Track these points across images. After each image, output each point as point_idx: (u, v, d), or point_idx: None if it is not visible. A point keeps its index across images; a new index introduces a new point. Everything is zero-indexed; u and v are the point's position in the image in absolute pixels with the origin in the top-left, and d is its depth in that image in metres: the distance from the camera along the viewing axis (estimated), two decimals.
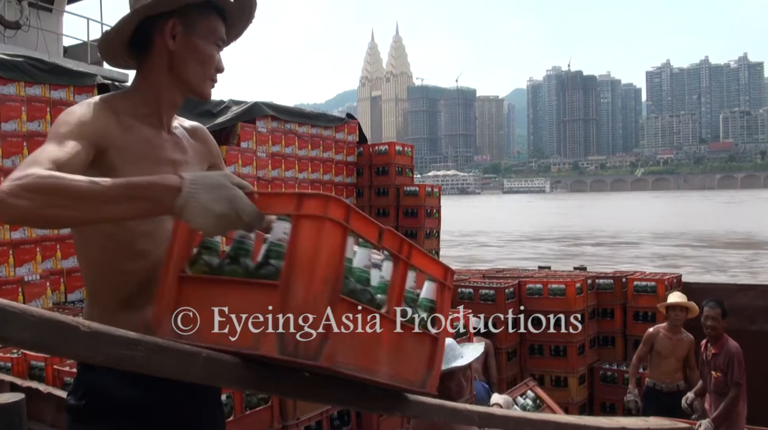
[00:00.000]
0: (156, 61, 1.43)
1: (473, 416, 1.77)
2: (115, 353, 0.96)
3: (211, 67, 1.47)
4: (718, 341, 4.40)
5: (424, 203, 7.87)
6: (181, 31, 1.41)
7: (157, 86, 1.45)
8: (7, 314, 0.85)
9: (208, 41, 1.45)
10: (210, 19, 1.45)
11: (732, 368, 4.27)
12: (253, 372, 1.13)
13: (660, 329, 5.13)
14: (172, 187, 1.08)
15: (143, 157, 1.39)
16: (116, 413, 1.36)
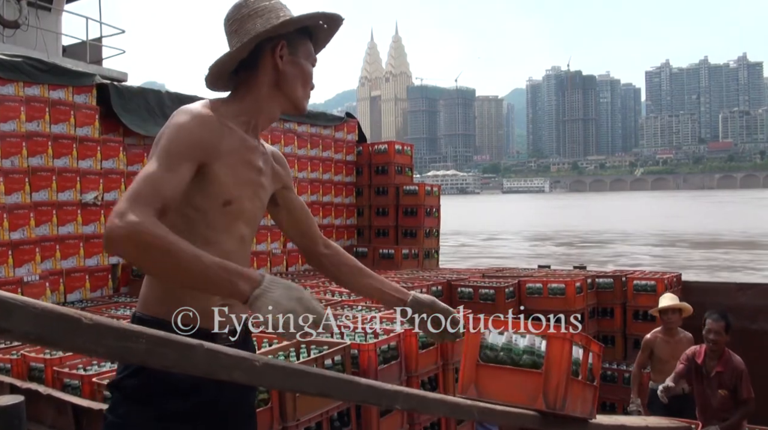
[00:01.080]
0: (263, 78, 1.58)
1: (473, 410, 1.77)
2: (118, 346, 0.97)
3: (308, 84, 1.64)
4: (722, 357, 4.23)
5: (423, 202, 7.86)
6: (287, 53, 1.58)
7: (261, 100, 1.59)
8: (10, 307, 0.86)
9: (308, 61, 1.63)
10: (307, 42, 1.64)
11: (741, 385, 4.12)
12: (249, 366, 1.14)
13: (657, 334, 5.07)
14: (253, 279, 1.27)
15: (240, 161, 1.54)
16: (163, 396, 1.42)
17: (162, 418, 1.42)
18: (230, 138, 1.52)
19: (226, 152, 1.50)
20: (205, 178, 1.47)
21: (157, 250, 1.21)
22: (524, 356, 2.17)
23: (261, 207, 1.66)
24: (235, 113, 1.56)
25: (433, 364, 3.64)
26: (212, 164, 1.47)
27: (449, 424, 3.62)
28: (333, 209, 7.71)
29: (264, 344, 3.04)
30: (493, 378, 2.17)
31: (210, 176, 1.47)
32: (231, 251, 1.53)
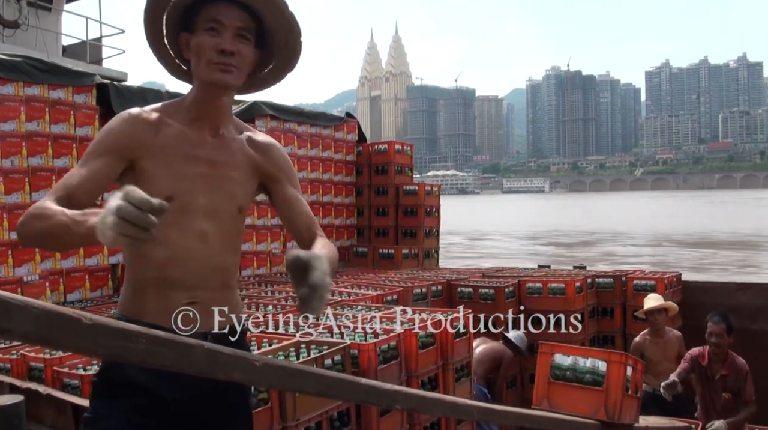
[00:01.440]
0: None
1: (472, 410, 1.77)
2: (117, 346, 0.97)
3: (206, 53, 1.50)
4: (726, 360, 4.22)
5: (423, 202, 7.86)
6: (189, 40, 1.54)
7: (194, 91, 1.58)
8: (10, 307, 0.86)
9: (200, 32, 1.51)
10: (207, 9, 1.51)
11: (745, 387, 4.13)
12: (249, 365, 1.14)
13: (645, 336, 5.07)
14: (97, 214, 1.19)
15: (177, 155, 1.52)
16: (129, 391, 1.45)
17: (130, 411, 1.45)
18: (164, 134, 1.52)
19: (158, 148, 1.49)
20: (140, 176, 1.49)
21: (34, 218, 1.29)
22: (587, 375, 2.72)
23: (228, 200, 1.58)
24: (184, 109, 1.57)
25: (433, 364, 3.63)
26: (142, 160, 1.49)
27: (449, 424, 3.62)
28: (333, 209, 7.71)
29: (264, 344, 3.04)
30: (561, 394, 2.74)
31: (143, 173, 1.49)
32: (187, 248, 1.51)
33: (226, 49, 1.49)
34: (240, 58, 1.52)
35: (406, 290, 5.14)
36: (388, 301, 4.82)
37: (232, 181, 1.58)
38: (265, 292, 5.03)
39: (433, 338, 3.63)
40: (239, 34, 1.51)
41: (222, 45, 1.49)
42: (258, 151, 1.67)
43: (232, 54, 1.50)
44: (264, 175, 1.67)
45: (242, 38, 1.52)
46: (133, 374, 1.43)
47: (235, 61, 1.51)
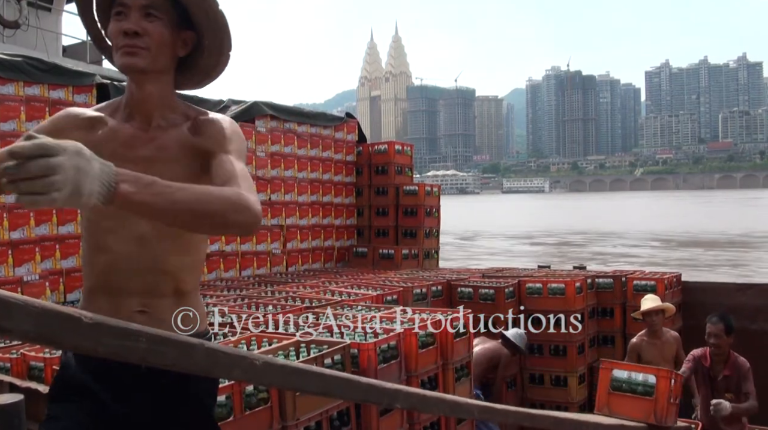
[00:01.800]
0: None
1: (473, 409, 1.77)
2: (118, 345, 0.97)
3: (114, 39, 1.41)
4: (728, 361, 4.24)
5: (423, 203, 7.86)
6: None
7: (127, 86, 1.49)
8: (10, 306, 0.86)
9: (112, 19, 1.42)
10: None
11: (747, 384, 4.16)
12: (249, 365, 1.15)
13: (642, 337, 5.05)
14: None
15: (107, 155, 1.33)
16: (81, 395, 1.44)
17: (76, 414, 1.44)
18: (96, 134, 1.45)
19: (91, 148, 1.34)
20: None
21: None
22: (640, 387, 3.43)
23: None
24: (122, 105, 1.50)
25: (433, 364, 3.64)
26: None
27: (449, 424, 3.62)
28: (333, 209, 7.71)
29: (264, 344, 3.04)
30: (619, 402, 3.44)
31: None
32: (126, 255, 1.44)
33: (128, 29, 1.38)
34: (148, 38, 1.40)
35: (406, 290, 5.14)
36: (388, 301, 4.82)
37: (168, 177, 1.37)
38: (265, 292, 5.03)
39: (433, 338, 3.63)
40: (146, 12, 1.40)
41: (124, 26, 1.39)
42: (197, 133, 1.53)
43: (137, 34, 1.39)
44: (202, 155, 1.51)
45: (149, 16, 1.40)
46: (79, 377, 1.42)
47: (142, 41, 1.40)
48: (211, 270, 5.98)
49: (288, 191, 7.01)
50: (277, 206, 6.83)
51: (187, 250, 1.51)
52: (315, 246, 7.38)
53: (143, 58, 1.40)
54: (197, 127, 1.52)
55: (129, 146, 1.47)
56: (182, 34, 1.48)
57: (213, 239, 5.94)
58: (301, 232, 7.16)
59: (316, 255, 7.39)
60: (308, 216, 7.30)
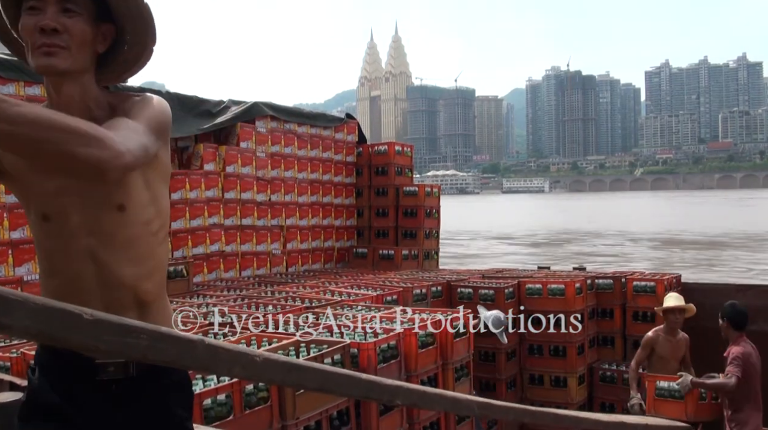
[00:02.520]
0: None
1: (473, 405, 1.78)
2: (119, 341, 0.97)
3: (28, 36, 1.26)
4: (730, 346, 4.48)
5: (423, 203, 7.86)
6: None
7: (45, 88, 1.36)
8: (11, 302, 0.85)
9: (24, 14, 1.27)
10: None
11: (731, 365, 4.33)
12: (250, 361, 1.15)
13: (659, 332, 5.08)
14: None
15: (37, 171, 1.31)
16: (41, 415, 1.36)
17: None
18: None
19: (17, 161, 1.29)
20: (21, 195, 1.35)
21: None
22: (676, 394, 4.51)
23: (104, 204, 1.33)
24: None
25: (433, 363, 3.64)
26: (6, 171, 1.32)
27: (449, 423, 3.63)
28: (333, 210, 7.72)
29: (264, 343, 3.05)
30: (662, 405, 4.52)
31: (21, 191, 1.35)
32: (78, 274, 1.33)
33: (46, 25, 1.24)
34: (68, 36, 1.27)
35: (405, 291, 5.15)
36: (388, 301, 4.83)
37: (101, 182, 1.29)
38: (265, 292, 5.03)
39: (432, 338, 3.64)
40: (64, 7, 1.26)
41: (41, 22, 1.24)
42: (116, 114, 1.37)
43: (56, 31, 1.25)
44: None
45: (68, 11, 1.27)
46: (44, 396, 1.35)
47: (61, 39, 1.26)
48: (211, 270, 5.98)
49: (288, 192, 7.01)
50: (277, 207, 6.84)
51: (141, 258, 1.38)
52: (315, 247, 7.38)
53: (63, 59, 1.27)
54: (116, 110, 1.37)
55: None
56: (101, 27, 1.34)
57: (213, 239, 5.95)
58: (301, 232, 7.16)
59: (316, 256, 7.39)
60: (308, 217, 7.30)
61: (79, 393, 1.34)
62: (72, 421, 1.34)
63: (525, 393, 5.91)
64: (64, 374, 1.34)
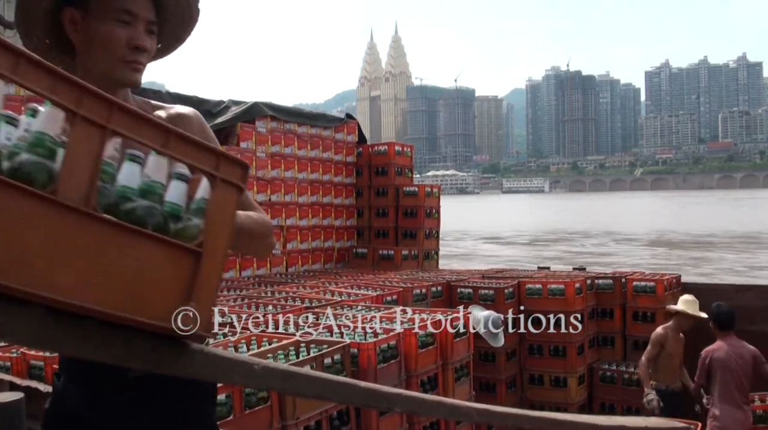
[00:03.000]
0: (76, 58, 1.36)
1: (471, 412, 1.78)
2: (118, 348, 0.97)
3: (118, 47, 1.30)
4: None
5: (423, 203, 7.87)
6: (80, 19, 1.30)
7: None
8: (10, 308, 0.85)
9: (107, 20, 1.29)
10: None
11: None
12: (248, 370, 1.15)
13: (668, 330, 5.14)
14: None
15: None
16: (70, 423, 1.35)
17: None
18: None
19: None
20: None
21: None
22: None
23: None
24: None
25: (433, 363, 3.65)
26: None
27: (448, 424, 3.63)
28: (333, 210, 7.72)
29: (264, 343, 3.05)
30: None
31: None
32: None
33: (141, 45, 1.31)
34: (147, 56, 1.36)
35: (405, 291, 5.15)
36: (388, 301, 4.83)
37: None
38: (265, 292, 5.04)
39: (432, 338, 3.64)
40: (149, 29, 1.34)
41: (137, 41, 1.31)
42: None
43: (145, 50, 1.34)
44: None
45: (150, 33, 1.35)
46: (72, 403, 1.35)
47: (144, 58, 1.35)
48: None
49: (288, 192, 7.01)
50: (277, 207, 6.84)
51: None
52: (315, 247, 7.39)
53: (142, 74, 1.37)
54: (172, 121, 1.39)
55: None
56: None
57: None
58: (301, 232, 7.17)
59: (316, 256, 7.39)
60: (308, 217, 7.31)
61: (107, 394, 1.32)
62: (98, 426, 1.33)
63: (525, 393, 5.91)
64: (92, 376, 1.32)
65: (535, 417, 2.06)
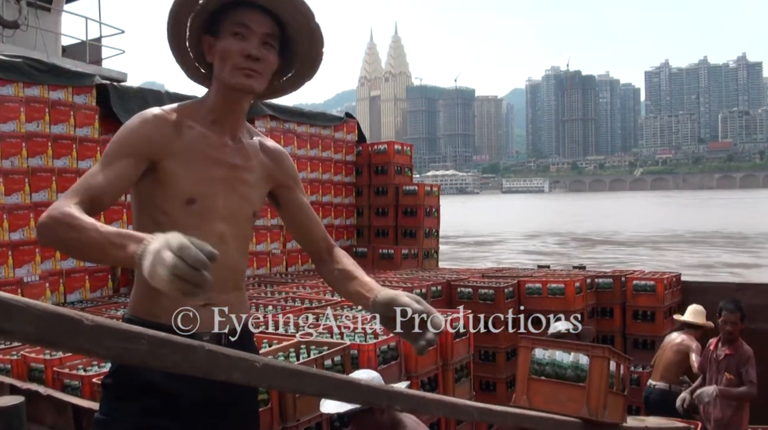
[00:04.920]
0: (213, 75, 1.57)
1: (472, 411, 1.78)
2: (119, 347, 0.97)
3: (232, 57, 1.49)
4: (734, 344, 4.40)
5: (423, 202, 7.86)
6: (212, 39, 1.53)
7: (214, 95, 1.57)
8: (11, 308, 0.86)
9: (232, 33, 1.50)
10: (234, 14, 1.50)
11: (747, 369, 4.28)
12: (249, 367, 1.15)
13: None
14: (142, 239, 1.16)
15: (200, 158, 1.52)
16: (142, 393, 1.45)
17: (143, 414, 1.45)
18: (186, 135, 1.52)
19: (180, 149, 1.50)
20: (161, 178, 1.49)
21: (63, 226, 1.25)
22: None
23: (244, 204, 1.60)
24: (204, 111, 1.57)
25: (433, 364, 3.64)
26: (164, 162, 1.48)
27: (449, 424, 3.63)
28: (332, 209, 7.71)
29: (264, 344, 3.04)
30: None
31: (165, 175, 1.49)
32: None
33: (253, 54, 1.49)
34: (264, 65, 1.52)
35: (405, 291, 5.14)
36: None
37: (248, 185, 1.60)
38: (265, 292, 5.03)
39: None
40: (265, 41, 1.51)
41: (248, 50, 1.48)
42: (269, 158, 1.68)
43: (258, 59, 1.50)
44: (276, 182, 1.69)
45: (267, 45, 1.52)
46: (144, 374, 1.42)
47: (259, 66, 1.50)
48: None
49: None
50: None
51: (246, 252, 1.69)
52: None
53: (258, 82, 1.52)
54: (268, 152, 1.68)
55: (221, 151, 1.56)
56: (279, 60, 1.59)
57: None
58: None
59: None
60: None
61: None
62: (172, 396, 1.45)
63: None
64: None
65: (535, 417, 2.06)
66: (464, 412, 1.74)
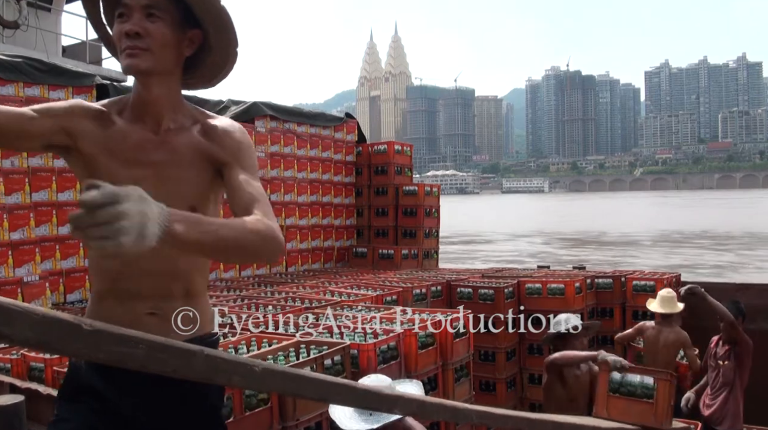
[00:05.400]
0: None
1: (471, 414, 1.78)
2: (117, 352, 0.97)
3: (119, 41, 1.40)
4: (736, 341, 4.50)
5: (423, 203, 7.86)
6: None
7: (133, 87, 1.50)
8: (11, 313, 0.86)
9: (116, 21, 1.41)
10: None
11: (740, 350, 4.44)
12: (248, 371, 1.15)
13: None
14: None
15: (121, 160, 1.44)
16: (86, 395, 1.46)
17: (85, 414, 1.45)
18: (107, 132, 1.45)
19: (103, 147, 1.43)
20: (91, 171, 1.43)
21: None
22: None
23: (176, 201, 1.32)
24: (129, 107, 1.50)
25: (433, 364, 3.64)
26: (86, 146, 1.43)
27: (448, 425, 3.63)
28: (332, 210, 7.71)
29: (264, 344, 3.04)
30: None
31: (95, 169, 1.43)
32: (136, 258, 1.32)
33: (129, 30, 1.37)
34: (150, 39, 1.39)
35: (405, 291, 5.14)
36: (388, 301, 4.82)
37: (178, 181, 1.47)
38: (265, 292, 5.03)
39: (432, 339, 3.64)
40: (148, 12, 1.39)
41: (125, 28, 1.37)
42: (210, 139, 1.52)
43: (138, 35, 1.37)
44: (215, 162, 1.52)
45: (151, 16, 1.39)
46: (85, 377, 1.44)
47: (143, 42, 1.38)
48: (212, 270, 5.98)
49: (288, 192, 7.01)
50: (277, 207, 6.83)
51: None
52: (315, 246, 7.38)
53: (145, 60, 1.39)
54: (209, 133, 1.53)
55: (141, 149, 1.46)
56: (188, 32, 1.46)
57: None
58: (300, 232, 7.16)
59: (315, 255, 7.39)
60: (308, 216, 7.30)
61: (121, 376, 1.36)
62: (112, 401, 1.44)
63: (525, 393, 5.91)
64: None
65: (535, 419, 2.06)
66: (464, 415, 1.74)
